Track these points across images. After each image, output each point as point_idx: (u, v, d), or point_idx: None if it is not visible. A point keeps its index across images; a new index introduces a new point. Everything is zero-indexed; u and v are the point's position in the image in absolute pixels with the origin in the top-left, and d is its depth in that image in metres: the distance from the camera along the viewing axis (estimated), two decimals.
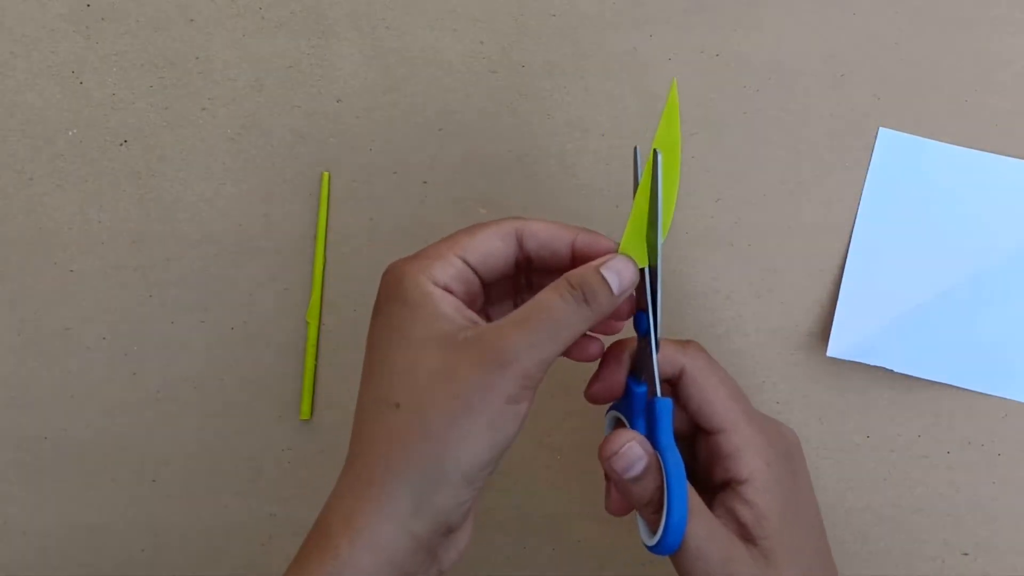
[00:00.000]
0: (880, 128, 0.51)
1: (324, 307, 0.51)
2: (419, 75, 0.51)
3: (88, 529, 0.52)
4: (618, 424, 0.42)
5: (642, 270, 0.39)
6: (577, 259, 0.38)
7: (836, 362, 0.51)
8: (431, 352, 0.35)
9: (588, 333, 0.40)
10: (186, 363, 0.52)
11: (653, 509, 0.38)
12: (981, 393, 0.51)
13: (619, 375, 0.41)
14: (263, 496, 0.52)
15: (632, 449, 0.38)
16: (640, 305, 0.39)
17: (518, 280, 0.41)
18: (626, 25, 0.51)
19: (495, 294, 0.41)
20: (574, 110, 0.51)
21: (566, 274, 0.37)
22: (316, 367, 0.51)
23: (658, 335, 0.39)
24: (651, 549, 0.38)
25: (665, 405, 0.39)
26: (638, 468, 0.38)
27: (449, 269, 0.37)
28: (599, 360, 0.41)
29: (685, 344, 0.41)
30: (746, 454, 0.39)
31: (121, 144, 0.51)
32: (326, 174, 0.51)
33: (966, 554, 0.52)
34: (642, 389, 0.40)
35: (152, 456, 0.52)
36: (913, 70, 0.51)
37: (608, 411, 0.43)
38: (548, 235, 0.39)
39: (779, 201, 0.51)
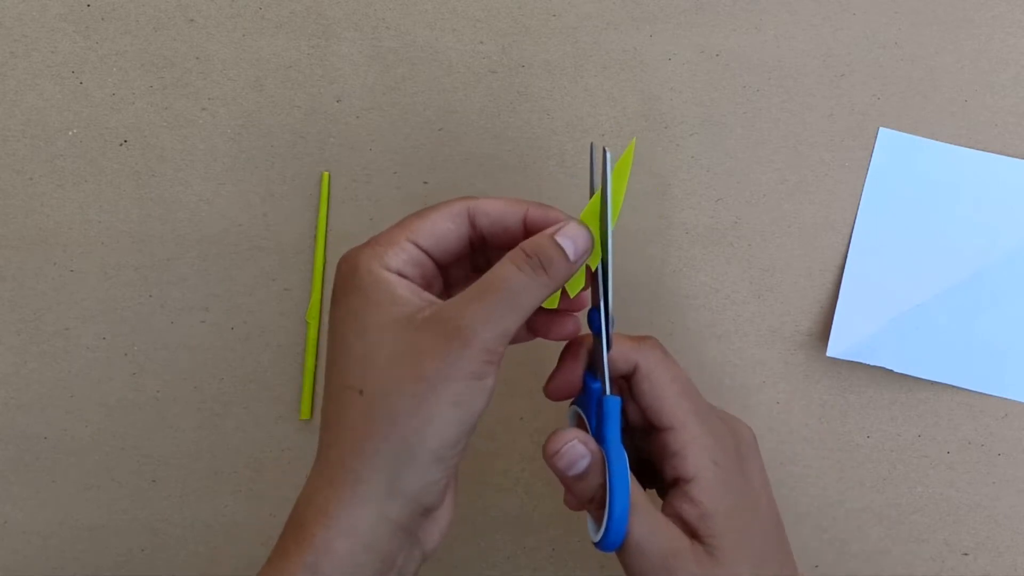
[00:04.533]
0: (880, 128, 0.51)
1: (324, 307, 0.51)
2: (419, 75, 0.51)
3: (88, 529, 0.52)
4: (578, 419, 0.42)
5: (594, 270, 0.39)
6: (530, 233, 0.38)
7: (836, 362, 0.51)
8: (390, 336, 0.35)
9: (563, 311, 0.40)
10: (186, 363, 0.52)
11: (597, 506, 0.38)
12: (981, 393, 0.51)
13: (576, 372, 0.41)
14: (263, 496, 0.52)
15: (574, 448, 0.38)
16: (594, 303, 0.40)
17: (476, 260, 0.41)
18: (626, 25, 0.51)
19: (453, 277, 0.41)
20: (574, 110, 0.51)
21: (521, 244, 0.37)
22: (316, 367, 0.51)
23: (611, 333, 0.39)
24: (596, 546, 0.38)
25: (613, 403, 0.39)
26: (581, 466, 0.38)
27: (401, 254, 0.37)
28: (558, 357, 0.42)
29: (641, 340, 0.41)
30: (692, 452, 0.39)
31: (121, 144, 0.51)
32: (326, 174, 0.51)
33: (966, 554, 0.52)
34: (597, 385, 0.40)
35: (152, 456, 0.52)
36: (913, 70, 0.51)
37: (570, 405, 0.43)
38: (499, 212, 0.39)
39: (779, 201, 0.51)
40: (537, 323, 0.41)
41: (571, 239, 0.37)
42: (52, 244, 0.51)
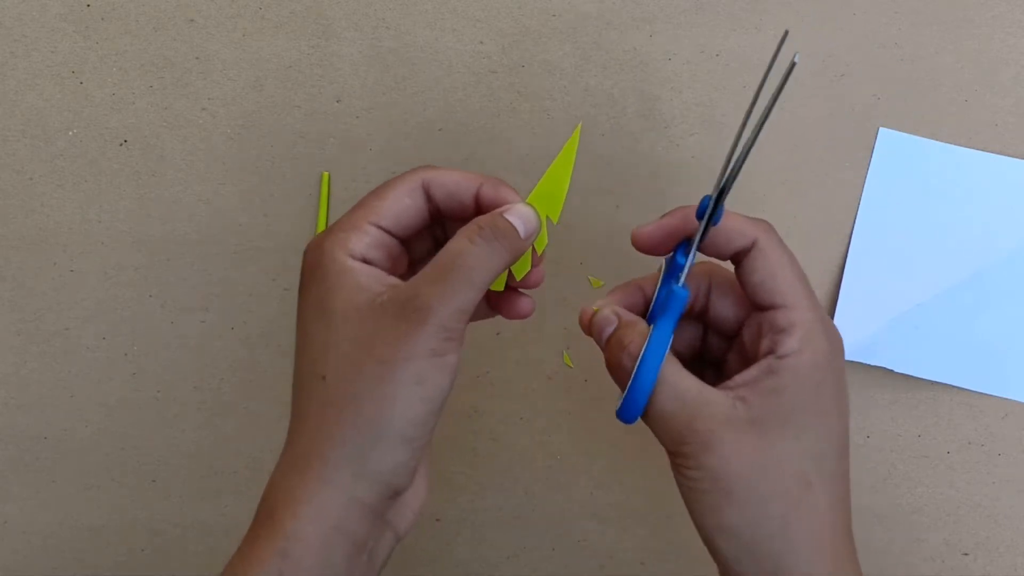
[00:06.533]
0: (880, 128, 0.51)
1: None
2: (419, 75, 0.51)
3: (88, 529, 0.52)
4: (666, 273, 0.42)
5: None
6: (481, 209, 0.39)
7: None
8: (352, 322, 0.36)
9: (518, 290, 0.41)
10: (186, 363, 0.52)
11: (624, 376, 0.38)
12: (981, 393, 0.51)
13: (669, 233, 0.40)
14: None
15: (603, 315, 0.39)
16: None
17: (435, 232, 0.42)
18: (626, 25, 0.51)
19: (417, 251, 0.41)
20: (574, 110, 0.51)
21: (474, 219, 0.37)
22: None
23: (717, 218, 0.38)
24: (618, 415, 0.38)
25: (680, 297, 0.38)
26: (607, 331, 0.39)
27: (365, 239, 0.38)
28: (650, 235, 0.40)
29: (759, 220, 0.40)
30: (801, 331, 0.38)
31: (121, 144, 0.51)
32: (326, 174, 0.51)
33: (966, 554, 0.52)
34: (682, 262, 0.39)
35: (152, 456, 0.52)
36: (913, 70, 0.51)
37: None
38: (454, 183, 0.39)
39: (779, 201, 0.51)
40: (492, 300, 0.41)
41: (520, 218, 0.38)
42: (52, 244, 0.51)
